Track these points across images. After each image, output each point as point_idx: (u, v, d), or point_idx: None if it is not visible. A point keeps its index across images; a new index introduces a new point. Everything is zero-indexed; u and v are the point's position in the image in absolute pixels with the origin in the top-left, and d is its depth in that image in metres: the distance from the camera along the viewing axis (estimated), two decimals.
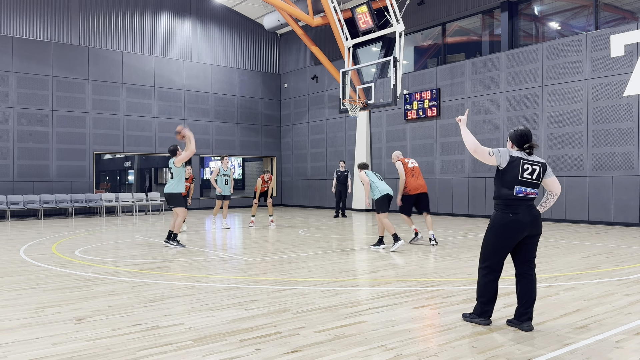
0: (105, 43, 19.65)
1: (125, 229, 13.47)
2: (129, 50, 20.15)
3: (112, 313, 4.74)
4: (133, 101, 20.20)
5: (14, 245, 9.97)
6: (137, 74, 20.27)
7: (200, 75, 21.95)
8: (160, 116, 20.83)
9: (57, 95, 18.49)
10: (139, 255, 8.64)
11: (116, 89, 19.79)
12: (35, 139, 17.90)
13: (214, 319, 4.51)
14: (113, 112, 19.70)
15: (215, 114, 22.39)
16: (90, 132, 19.17)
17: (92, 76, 19.24)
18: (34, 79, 18.01)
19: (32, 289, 5.82)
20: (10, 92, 17.60)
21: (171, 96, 21.15)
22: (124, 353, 3.65)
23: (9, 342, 3.90)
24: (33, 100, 18.01)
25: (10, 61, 17.58)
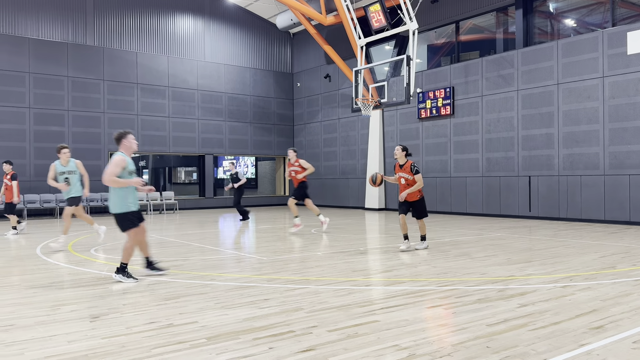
0: (119, 43, 19.83)
1: None
2: (143, 51, 20.32)
3: (127, 311, 4.78)
4: (147, 101, 20.37)
5: (31, 243, 10.11)
6: (151, 74, 20.43)
7: (214, 75, 22.06)
8: (174, 116, 20.98)
9: (72, 95, 18.71)
10: (154, 253, 8.70)
11: (131, 89, 19.97)
12: (51, 138, 18.13)
13: (228, 318, 4.53)
14: (128, 112, 19.88)
15: (228, 114, 22.49)
16: (105, 132, 19.37)
17: (107, 76, 19.44)
18: (50, 79, 18.24)
19: (48, 287, 5.89)
20: (27, 92, 17.85)
21: (185, 96, 21.29)
22: (139, 351, 3.68)
23: (25, 339, 3.96)
24: (49, 100, 18.24)
25: (27, 62, 17.82)
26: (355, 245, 9.27)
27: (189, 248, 9.33)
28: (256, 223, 14.84)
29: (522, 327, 4.20)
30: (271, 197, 24.60)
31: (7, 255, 8.58)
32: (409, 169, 8.43)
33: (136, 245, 6.39)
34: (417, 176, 8.41)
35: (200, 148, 21.83)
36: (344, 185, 21.65)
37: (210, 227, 13.57)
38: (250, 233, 12.50)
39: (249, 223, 14.77)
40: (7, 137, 17.39)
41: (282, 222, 15.19)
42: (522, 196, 15.39)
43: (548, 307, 4.80)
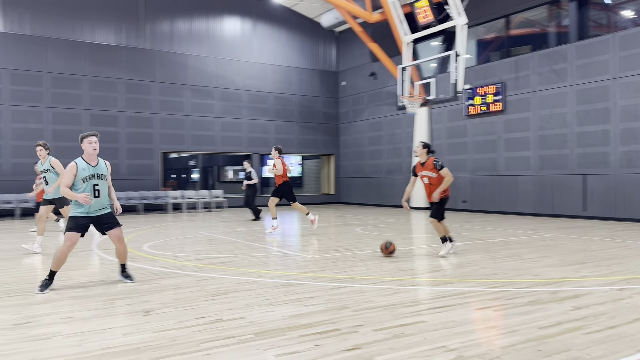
0: (170, 46, 20.41)
1: (190, 225, 13.95)
2: (193, 53, 20.83)
3: (178, 306, 4.92)
4: (197, 102, 20.88)
5: (87, 239, 10.56)
6: (200, 76, 20.93)
7: (260, 75, 22.36)
8: (222, 116, 21.41)
9: (126, 97, 19.42)
10: (203, 250, 8.93)
11: (181, 90, 20.52)
12: (106, 139, 18.87)
13: (274, 314, 4.59)
14: (178, 113, 20.45)
15: (274, 113, 22.75)
16: (157, 132, 20.00)
17: (159, 78, 20.05)
18: (104, 82, 18.99)
19: (103, 282, 6.14)
20: (83, 95, 18.65)
21: (232, 96, 21.68)
22: (189, 345, 3.78)
23: (83, 331, 4.15)
24: (104, 102, 19.00)
25: (84, 66, 18.62)
26: (401, 245, 9.19)
27: (236, 245, 9.51)
28: (301, 221, 14.95)
29: (576, 330, 4.05)
30: (316, 196, 24.72)
31: None
32: (432, 165, 7.73)
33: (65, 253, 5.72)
34: (444, 171, 7.65)
35: (247, 147, 22.19)
36: (389, 184, 21.47)
37: (257, 225, 13.77)
38: (295, 231, 12.61)
39: (262, 223, 14.88)
40: (65, 137, 18.22)
41: (327, 220, 15.23)
42: (576, 195, 14.81)
43: (604, 311, 4.60)
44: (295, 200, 11.62)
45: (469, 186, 18.08)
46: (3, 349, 3.70)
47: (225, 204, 20.92)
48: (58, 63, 18.18)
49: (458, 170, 18.36)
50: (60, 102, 18.21)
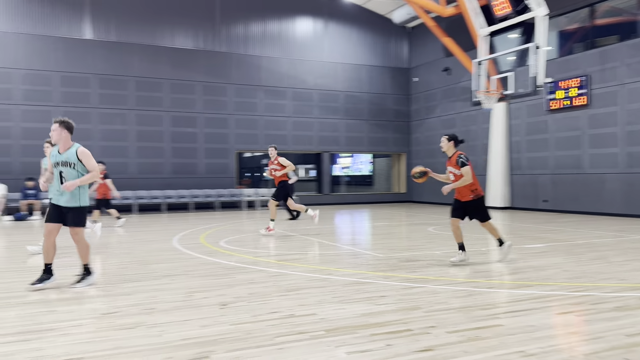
0: (245, 48, 21.00)
1: (263, 222, 14.29)
2: (267, 55, 21.31)
3: (253, 300, 5.06)
4: (270, 102, 21.34)
5: (168, 235, 11.10)
6: (273, 76, 21.37)
7: (331, 74, 22.48)
8: (293, 115, 21.75)
9: (203, 99, 20.21)
10: (276, 247, 9.12)
11: (255, 91, 21.06)
12: (186, 139, 19.77)
13: (345, 312, 4.60)
14: (252, 113, 21.01)
15: (344, 112, 22.80)
16: (232, 132, 20.67)
17: (234, 80, 20.70)
18: (183, 84, 19.87)
19: (183, 275, 6.43)
20: (164, 97, 19.61)
21: (303, 96, 21.97)
22: (263, 338, 3.88)
23: (164, 322, 4.36)
24: (184, 104, 19.88)
25: (164, 69, 19.57)
26: (477, 246, 8.91)
27: (307, 242, 9.62)
28: (372, 220, 14.88)
29: None
30: (387, 194, 24.51)
31: (147, 247, 9.51)
32: (455, 161, 6.99)
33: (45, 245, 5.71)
34: (464, 169, 6.86)
35: (317, 146, 22.40)
36: None
37: (327, 223, 13.86)
38: (366, 230, 12.57)
39: (297, 222, 14.84)
40: (148, 138, 19.25)
41: (399, 219, 15.06)
42: None
43: None
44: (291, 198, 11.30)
45: (550, 185, 17.20)
46: (92, 336, 3.97)
47: (297, 202, 21.24)
48: (141, 67, 19.23)
49: (538, 168, 17.51)
50: (143, 105, 19.25)
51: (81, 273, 5.86)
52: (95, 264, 7.38)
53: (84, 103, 18.37)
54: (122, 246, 9.48)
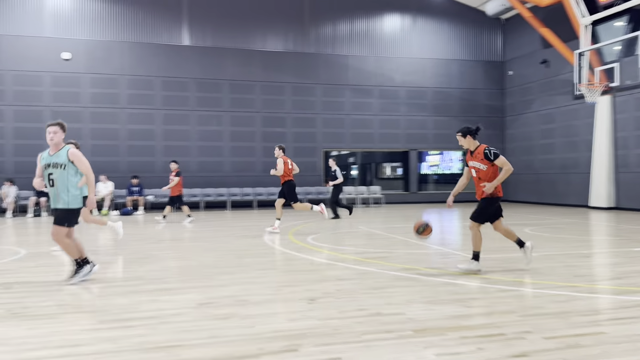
0: (333, 48, 21.21)
1: (349, 220, 14.35)
2: (354, 53, 21.38)
3: (340, 296, 5.11)
4: (356, 101, 21.39)
5: (259, 230, 11.49)
6: (360, 75, 21.40)
7: (419, 71, 22.08)
8: (380, 113, 21.64)
9: (292, 99, 20.68)
10: (362, 244, 9.14)
11: (342, 91, 21.21)
12: (275, 139, 20.33)
13: (434, 313, 4.51)
14: (339, 112, 21.19)
15: (433, 108, 22.30)
16: (319, 131, 20.97)
17: (322, 80, 20.97)
18: (274, 86, 20.45)
19: (272, 270, 6.63)
20: (256, 99, 20.31)
21: (390, 94, 21.77)
22: (350, 335, 3.90)
23: (255, 314, 4.52)
24: (274, 105, 20.46)
25: (256, 72, 20.26)
26: (577, 248, 8.35)
27: (394, 241, 9.54)
28: (462, 220, 14.43)
29: None
30: None
31: (240, 241, 9.90)
32: (482, 154, 6.25)
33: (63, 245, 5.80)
34: (500, 160, 6.13)
35: (404, 144, 22.10)
36: (564, 181, 19.63)
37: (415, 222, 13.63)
38: (456, 229, 12.22)
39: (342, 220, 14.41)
40: (241, 138, 20.04)
41: None
42: None
43: None
44: (296, 200, 11.15)
45: None
46: (189, 325, 4.21)
47: (383, 200, 21.12)
48: (234, 71, 20.05)
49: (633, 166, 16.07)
50: (236, 106, 20.07)
51: (73, 268, 5.83)
52: (194, 256, 7.82)
53: (182, 106, 19.50)
54: (218, 240, 9.94)
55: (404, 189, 23.04)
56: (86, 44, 18.56)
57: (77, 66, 18.42)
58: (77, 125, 18.41)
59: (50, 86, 18.19)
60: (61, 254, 7.58)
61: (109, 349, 3.63)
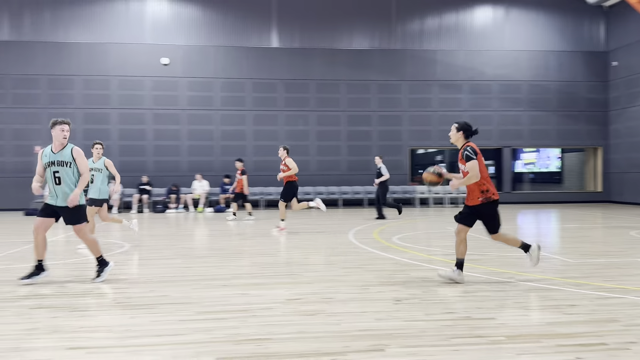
0: (420, 44, 20.83)
1: (437, 220, 14.05)
2: (442, 48, 20.86)
3: (427, 298, 5.01)
4: (444, 97, 20.85)
5: (345, 228, 11.56)
6: (448, 70, 20.82)
7: (513, 64, 21.08)
8: (470, 109, 20.90)
9: (378, 97, 20.56)
10: (450, 246, 8.89)
11: (429, 87, 20.77)
12: (360, 137, 20.37)
13: (528, 319, 4.30)
14: (426, 109, 20.76)
15: (528, 103, 21.19)
16: (405, 129, 20.69)
17: (408, 77, 20.66)
18: (359, 84, 20.45)
19: (358, 269, 6.64)
20: (341, 98, 20.43)
21: (481, 88, 20.97)
22: (438, 338, 3.82)
23: (342, 312, 4.56)
24: (359, 103, 20.46)
25: (341, 71, 20.37)
26: None
27: (485, 243, 9.19)
28: (561, 221, 13.60)
29: None
30: (579, 193, 22.15)
31: (327, 239, 10.01)
32: (461, 155, 5.70)
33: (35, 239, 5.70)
34: (470, 164, 5.56)
35: (497, 140, 21.20)
36: None
37: (508, 223, 13.05)
38: (553, 232, 11.54)
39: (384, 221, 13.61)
40: (327, 137, 20.26)
41: (593, 220, 13.52)
42: None
43: None
44: (287, 201, 11.26)
45: None
46: (279, 320, 4.34)
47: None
48: (320, 70, 20.31)
49: None
50: (322, 106, 20.32)
51: (96, 267, 5.88)
52: (281, 252, 8.03)
53: (271, 106, 20.08)
54: (304, 237, 10.13)
55: (496, 189, 22.10)
56: (183, 50, 19.66)
57: (175, 71, 19.57)
58: (175, 127, 19.59)
59: (151, 90, 19.48)
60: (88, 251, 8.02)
61: (204, 339, 3.83)
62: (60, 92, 18.99)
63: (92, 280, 5.87)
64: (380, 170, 13.85)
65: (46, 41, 18.94)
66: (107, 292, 5.34)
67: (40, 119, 18.73)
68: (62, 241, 9.71)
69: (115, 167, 8.73)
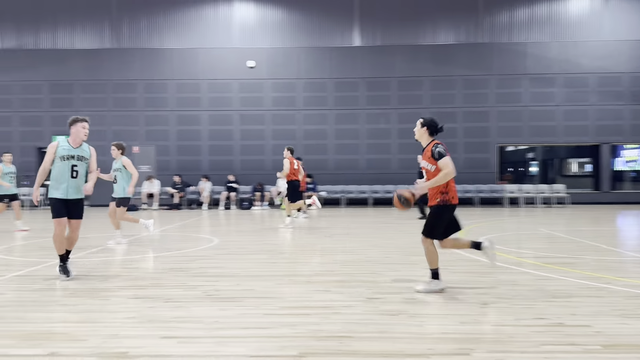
0: (509, 36, 19.94)
1: (527, 221, 13.39)
2: (533, 40, 19.85)
3: (515, 303, 4.80)
4: (536, 91, 19.82)
5: None
6: (540, 63, 19.77)
7: (613, 55, 19.60)
8: (564, 104, 19.74)
9: (463, 93, 19.94)
10: (542, 248, 8.45)
11: (518, 81, 19.83)
12: (445, 134, 19.76)
13: (628, 328, 3.99)
14: (515, 104, 19.85)
15: (630, 96, 19.61)
16: (493, 126, 19.89)
17: (496, 71, 19.86)
18: (443, 80, 19.93)
19: (442, 270, 6.47)
20: (424, 94, 20.03)
21: (577, 81, 19.70)
22: (527, 344, 3.65)
23: (424, 313, 4.48)
24: (443, 100, 19.96)
25: (425, 67, 19.96)
26: None
27: (581, 245, 8.63)
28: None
29: None
30: None
31: (407, 238, 9.87)
32: (430, 153, 5.26)
33: (58, 236, 5.84)
34: (442, 162, 5.15)
35: (594, 137, 19.82)
36: None
37: (607, 225, 12.15)
38: None
39: None
40: (409, 135, 19.91)
41: None
42: None
43: None
44: (294, 201, 11.77)
45: None
46: (360, 318, 4.34)
47: (568, 200, 19.23)
48: (402, 67, 20.04)
49: None
50: (404, 103, 20.04)
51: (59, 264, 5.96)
52: (361, 251, 8.03)
53: (353, 105, 20.11)
54: (383, 236, 10.06)
55: (593, 188, 20.69)
56: (268, 52, 20.21)
57: (260, 73, 20.17)
58: (260, 127, 20.20)
59: (238, 92, 20.22)
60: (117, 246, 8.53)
61: (288, 334, 3.92)
62: (155, 96, 20.24)
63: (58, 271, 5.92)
64: None
65: (143, 48, 20.26)
66: (197, 285, 5.62)
67: (137, 121, 20.10)
68: (158, 235, 10.34)
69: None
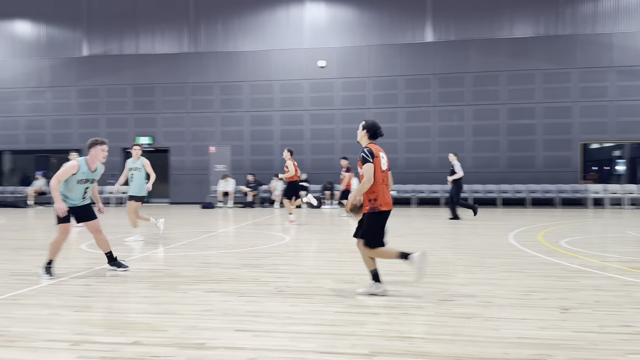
0: (594, 27, 18.81)
1: (613, 223, 12.57)
2: (620, 30, 18.59)
3: (599, 309, 4.52)
4: (623, 84, 18.55)
5: (504, 230, 10.91)
6: (628, 55, 18.48)
7: None
8: None
9: (543, 87, 19.01)
10: (629, 252, 7.90)
11: (604, 74, 18.64)
12: (522, 131, 19.02)
13: None
14: (601, 99, 18.66)
15: None
16: (576, 122, 18.83)
17: (579, 64, 18.78)
18: (522, 75, 19.10)
19: (519, 273, 6.23)
20: (501, 90, 19.30)
21: None
22: (612, 353, 3.43)
23: (500, 317, 4.32)
24: (522, 95, 19.13)
25: (502, 61, 19.21)
26: None
27: None
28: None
29: None
30: None
31: (483, 240, 9.56)
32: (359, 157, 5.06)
33: (60, 242, 5.98)
34: (364, 168, 4.94)
35: None
36: None
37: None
38: None
39: None
40: (483, 132, 19.30)
41: None
42: None
43: None
44: (289, 198, 12.25)
45: None
46: (432, 319, 4.27)
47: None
48: (477, 62, 19.41)
49: None
50: (479, 100, 19.42)
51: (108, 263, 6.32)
52: (435, 251, 7.87)
53: (424, 103, 19.74)
54: (458, 236, 9.80)
55: None
56: (338, 51, 20.28)
57: (331, 72, 20.28)
58: (330, 126, 20.32)
59: (309, 92, 20.45)
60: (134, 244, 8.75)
61: (359, 332, 3.92)
62: (230, 97, 20.90)
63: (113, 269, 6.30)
64: (454, 168, 13.07)
65: (218, 51, 20.99)
66: (270, 281, 5.75)
67: (213, 122, 20.85)
68: (232, 233, 10.68)
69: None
